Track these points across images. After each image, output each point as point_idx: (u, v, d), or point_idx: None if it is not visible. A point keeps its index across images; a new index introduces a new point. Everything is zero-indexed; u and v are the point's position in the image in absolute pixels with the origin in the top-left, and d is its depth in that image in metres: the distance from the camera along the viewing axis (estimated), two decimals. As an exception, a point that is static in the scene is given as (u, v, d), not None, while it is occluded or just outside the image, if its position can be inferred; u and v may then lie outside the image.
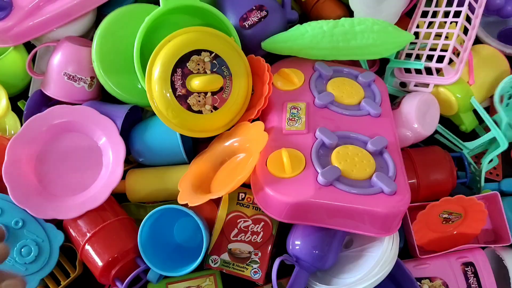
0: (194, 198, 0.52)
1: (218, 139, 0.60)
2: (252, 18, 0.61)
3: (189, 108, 0.54)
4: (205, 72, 0.55)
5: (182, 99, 0.54)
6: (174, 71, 0.53)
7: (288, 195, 0.48)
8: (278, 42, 0.61)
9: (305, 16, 0.72)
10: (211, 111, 0.55)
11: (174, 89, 0.53)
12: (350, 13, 0.67)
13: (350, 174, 0.50)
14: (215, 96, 0.55)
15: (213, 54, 0.55)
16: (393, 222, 0.50)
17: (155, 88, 0.53)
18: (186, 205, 0.54)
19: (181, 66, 0.54)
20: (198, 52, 0.54)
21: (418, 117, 0.60)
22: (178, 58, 0.53)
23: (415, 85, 0.67)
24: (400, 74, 0.68)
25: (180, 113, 0.54)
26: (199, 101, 0.54)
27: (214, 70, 0.55)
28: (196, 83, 0.54)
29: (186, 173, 0.58)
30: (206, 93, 0.55)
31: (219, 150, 0.59)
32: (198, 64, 0.54)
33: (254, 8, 0.61)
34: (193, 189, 0.54)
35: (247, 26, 0.61)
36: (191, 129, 0.56)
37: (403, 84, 0.69)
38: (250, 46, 0.62)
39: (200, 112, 0.55)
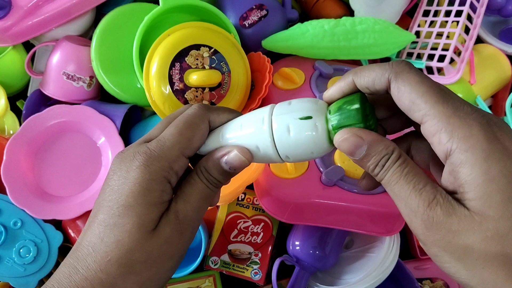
0: None
1: None
2: (252, 17, 0.60)
3: (186, 103, 0.54)
4: (204, 67, 0.54)
5: (180, 93, 0.53)
6: (172, 65, 0.53)
7: (292, 196, 0.48)
8: (278, 41, 0.61)
9: (305, 15, 0.72)
10: None
11: (171, 83, 0.53)
12: (350, 12, 0.67)
13: (354, 173, 0.50)
14: (213, 92, 0.55)
15: (212, 50, 0.54)
16: (396, 222, 0.50)
17: (152, 81, 0.53)
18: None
19: (180, 60, 0.53)
20: (197, 47, 0.54)
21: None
22: (177, 52, 0.53)
23: None
24: None
25: (177, 108, 0.54)
26: (197, 96, 0.54)
27: (213, 65, 0.55)
28: (194, 78, 0.53)
29: None
30: (204, 89, 0.54)
31: None
32: (197, 59, 0.54)
33: (254, 7, 0.60)
34: None
35: (247, 25, 0.61)
36: None
37: None
38: (250, 45, 0.62)
39: None
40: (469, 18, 0.66)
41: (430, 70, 0.65)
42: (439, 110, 0.26)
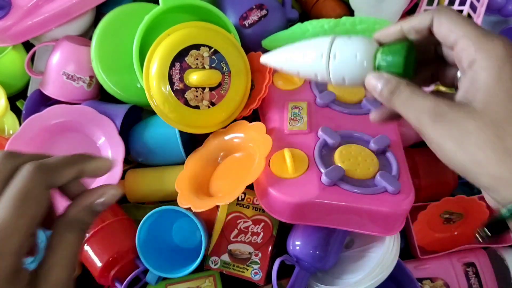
0: (197, 202, 0.52)
1: (215, 135, 0.59)
2: (252, 17, 0.60)
3: (186, 103, 0.54)
4: (204, 67, 0.54)
5: (179, 93, 0.53)
6: (172, 65, 0.53)
7: (292, 196, 0.48)
8: (278, 41, 0.61)
9: (306, 15, 0.72)
10: (209, 107, 0.55)
11: (171, 83, 0.53)
12: (350, 12, 0.67)
13: (354, 173, 0.50)
14: (213, 92, 0.55)
15: (212, 50, 0.54)
16: (396, 221, 0.50)
17: (152, 81, 0.53)
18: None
19: (180, 60, 0.53)
20: (197, 46, 0.54)
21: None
22: (177, 52, 0.53)
23: None
24: None
25: (177, 107, 0.54)
26: (197, 96, 0.54)
27: (213, 65, 0.55)
28: (194, 77, 0.53)
29: (182, 172, 0.57)
30: (204, 89, 0.54)
31: (217, 144, 0.58)
32: (197, 59, 0.54)
33: (254, 7, 0.60)
34: (192, 190, 0.54)
35: (247, 25, 0.61)
36: (188, 125, 0.56)
37: None
38: (250, 45, 0.61)
39: (197, 107, 0.54)
40: (469, 17, 0.66)
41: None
42: (471, 32, 0.30)
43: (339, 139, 0.53)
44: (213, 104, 0.55)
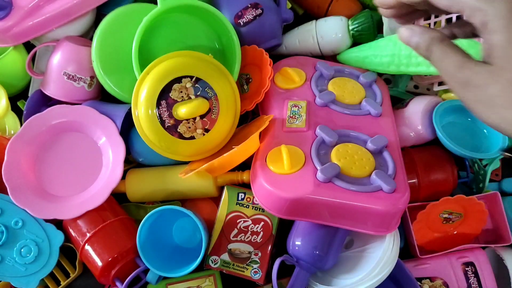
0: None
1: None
2: (247, 16, 0.60)
3: (180, 136, 0.54)
4: (189, 98, 0.54)
5: (172, 129, 0.54)
6: (158, 104, 0.53)
7: (287, 191, 0.48)
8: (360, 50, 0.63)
9: (307, 15, 0.72)
10: (203, 134, 0.55)
11: (162, 122, 0.53)
12: (364, 8, 0.68)
13: (349, 171, 0.50)
14: (204, 119, 0.55)
15: (193, 78, 0.54)
16: (391, 220, 0.50)
17: (144, 125, 0.54)
18: (184, 206, 0.54)
19: (165, 97, 0.53)
20: (178, 79, 0.54)
21: (423, 119, 0.60)
22: (159, 91, 0.53)
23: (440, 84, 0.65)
24: (419, 79, 0.67)
25: (173, 143, 0.54)
26: (189, 128, 0.54)
27: (198, 93, 0.55)
28: (182, 111, 0.53)
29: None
30: (194, 118, 0.55)
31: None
32: (181, 92, 0.54)
33: (249, 6, 0.60)
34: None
35: (242, 23, 0.61)
36: (188, 155, 0.56)
37: (416, 86, 0.69)
38: (245, 44, 0.62)
39: (192, 137, 0.55)
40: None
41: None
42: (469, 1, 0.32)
43: (336, 138, 0.53)
44: (207, 130, 0.55)
